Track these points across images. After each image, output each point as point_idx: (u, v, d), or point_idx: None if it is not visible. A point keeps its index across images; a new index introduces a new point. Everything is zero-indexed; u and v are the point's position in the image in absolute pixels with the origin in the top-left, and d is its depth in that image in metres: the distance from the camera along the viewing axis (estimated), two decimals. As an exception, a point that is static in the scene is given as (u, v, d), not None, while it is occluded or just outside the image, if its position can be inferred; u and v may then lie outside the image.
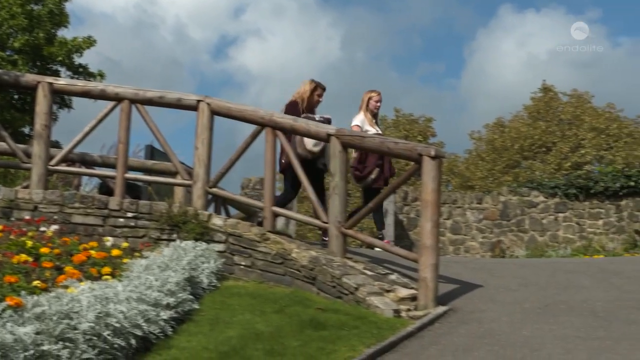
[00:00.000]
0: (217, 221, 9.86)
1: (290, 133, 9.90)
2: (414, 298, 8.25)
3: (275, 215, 10.13)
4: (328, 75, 72.05)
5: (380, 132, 12.12)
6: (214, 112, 10.42)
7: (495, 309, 8.15)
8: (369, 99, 12.11)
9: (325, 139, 9.46)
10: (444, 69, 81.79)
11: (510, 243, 19.67)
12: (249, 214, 14.44)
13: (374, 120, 12.13)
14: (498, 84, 64.73)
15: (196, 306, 7.71)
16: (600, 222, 19.94)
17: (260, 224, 10.18)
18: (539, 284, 9.26)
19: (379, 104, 12.16)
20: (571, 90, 38.30)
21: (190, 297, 7.72)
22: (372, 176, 11.71)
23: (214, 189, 10.56)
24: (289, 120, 9.79)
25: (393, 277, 8.92)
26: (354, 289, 8.32)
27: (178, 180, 11.28)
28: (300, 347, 6.63)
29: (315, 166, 10.75)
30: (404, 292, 8.39)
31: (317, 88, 11.40)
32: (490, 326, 7.46)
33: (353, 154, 11.82)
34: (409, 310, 8.09)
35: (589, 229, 19.92)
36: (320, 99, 11.46)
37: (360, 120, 11.93)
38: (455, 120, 66.02)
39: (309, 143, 10.51)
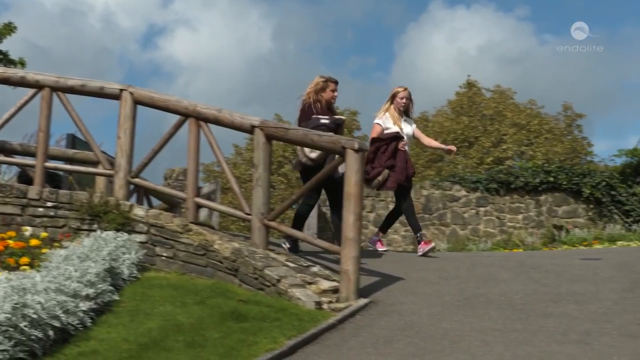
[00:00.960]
0: (139, 212, 9.77)
1: (214, 124, 9.83)
2: (335, 290, 8.29)
3: (198, 206, 10.07)
4: (259, 66, 71.88)
5: (408, 130, 11.28)
6: (137, 102, 10.30)
7: (416, 301, 8.22)
8: (395, 95, 11.29)
9: (249, 130, 9.43)
10: (375, 63, 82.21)
11: (432, 236, 19.86)
12: (172, 205, 14.35)
13: (402, 118, 11.29)
14: (428, 78, 65.35)
15: (116, 297, 7.63)
16: (520, 216, 20.28)
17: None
18: (459, 277, 9.37)
19: (404, 101, 11.24)
20: (494, 86, 38.87)
21: (111, 288, 7.63)
22: (380, 178, 10.75)
23: (136, 179, 10.46)
24: (212, 110, 9.73)
25: (315, 269, 8.94)
26: (276, 280, 8.32)
27: (99, 170, 11.11)
28: (221, 339, 6.61)
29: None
30: (325, 285, 8.42)
31: (329, 83, 10.42)
32: (411, 318, 7.53)
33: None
34: (330, 302, 8.12)
35: (509, 223, 20.25)
36: (335, 94, 10.46)
37: (381, 119, 11.20)
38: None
39: (307, 149, 9.91)
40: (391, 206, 20.56)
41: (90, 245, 8.42)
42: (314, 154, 9.80)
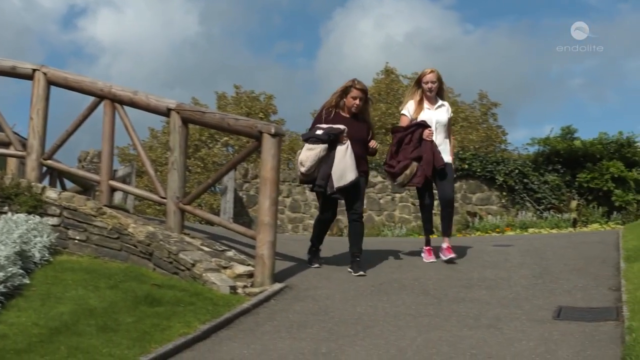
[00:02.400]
0: (52, 194, 9.59)
1: (129, 106, 9.70)
2: (250, 275, 8.28)
3: (112, 189, 9.96)
4: (184, 49, 70.84)
5: (440, 117, 9.62)
6: (51, 82, 10.12)
7: (331, 286, 8.27)
8: (419, 79, 9.74)
9: (166, 113, 9.34)
10: (302, 48, 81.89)
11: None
12: (86, 188, 14.14)
13: (434, 104, 9.68)
14: (354, 64, 65.08)
15: (27, 281, 7.49)
16: (436, 202, 20.48)
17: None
18: (374, 263, 9.44)
19: (429, 85, 9.56)
20: (412, 73, 39.16)
21: (21, 271, 7.49)
22: (408, 172, 9.33)
23: (49, 161, 10.29)
24: (128, 92, 9.61)
25: (230, 253, 8.92)
26: (190, 265, 8.28)
27: (11, 151, 10.88)
28: (134, 323, 6.55)
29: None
30: (241, 269, 8.41)
31: (352, 89, 9.27)
32: (325, 303, 7.57)
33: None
34: (245, 287, 8.11)
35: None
36: (356, 102, 9.23)
37: (406, 108, 9.70)
38: (308, 99, 66.34)
39: (299, 164, 8.91)
40: (307, 192, 20.63)
41: (0, 228, 8.25)
42: (303, 168, 8.85)
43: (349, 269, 8.99)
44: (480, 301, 7.45)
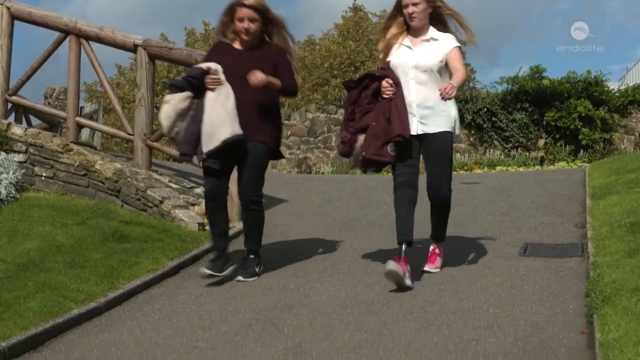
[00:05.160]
0: (17, 130, 9.48)
1: (96, 42, 9.56)
2: (219, 212, 8.26)
3: (79, 126, 9.87)
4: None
5: (425, 60, 6.20)
6: (15, 17, 9.92)
7: (299, 223, 8.29)
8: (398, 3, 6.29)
9: (132, 49, 9.22)
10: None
11: (317, 160, 19.97)
12: (52, 125, 14.00)
13: (412, 38, 6.31)
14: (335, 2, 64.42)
15: (-7, 218, 7.45)
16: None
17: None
18: (342, 200, 9.47)
19: (409, 9, 6.17)
20: (381, 11, 38.95)
21: (-13, 208, 7.45)
22: (355, 151, 6.28)
23: (14, 97, 10.15)
24: (94, 28, 9.46)
25: (199, 190, 8.90)
26: (158, 202, 8.26)
27: (-25, 87, 10.72)
28: (102, 260, 6.56)
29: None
30: (209, 206, 8.38)
31: (236, 8, 6.46)
32: (294, 240, 7.60)
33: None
34: (213, 223, 8.10)
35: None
36: (245, 25, 6.38)
37: (380, 46, 6.48)
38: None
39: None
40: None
41: (-35, 165, 8.17)
42: (163, 129, 6.54)
43: (239, 276, 6.47)
44: (447, 239, 7.50)
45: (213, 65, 6.37)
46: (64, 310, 5.51)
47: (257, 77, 6.23)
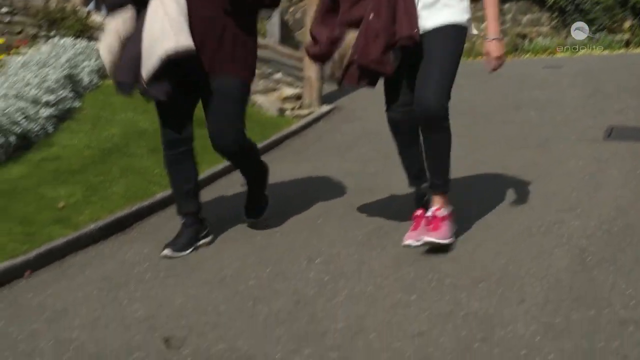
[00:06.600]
0: (97, 19, 9.52)
1: None
2: (298, 97, 8.27)
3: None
4: None
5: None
6: None
7: (380, 108, 8.23)
8: None
9: None
10: None
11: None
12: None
13: None
14: None
15: (77, 104, 7.55)
16: (483, 25, 20.12)
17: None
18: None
19: None
20: None
21: (71, 95, 7.54)
22: (337, 56, 4.53)
23: (94, -15, 10.16)
24: None
25: (278, 76, 8.89)
26: (238, 87, 8.27)
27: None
28: (184, 145, 6.61)
29: None
30: (288, 91, 8.39)
31: None
32: (373, 125, 7.56)
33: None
34: (293, 109, 8.11)
35: (473, 32, 20.11)
36: None
37: None
38: None
39: None
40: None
41: (48, 52, 8.24)
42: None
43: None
44: (529, 122, 7.40)
45: None
46: (149, 194, 5.61)
47: None
